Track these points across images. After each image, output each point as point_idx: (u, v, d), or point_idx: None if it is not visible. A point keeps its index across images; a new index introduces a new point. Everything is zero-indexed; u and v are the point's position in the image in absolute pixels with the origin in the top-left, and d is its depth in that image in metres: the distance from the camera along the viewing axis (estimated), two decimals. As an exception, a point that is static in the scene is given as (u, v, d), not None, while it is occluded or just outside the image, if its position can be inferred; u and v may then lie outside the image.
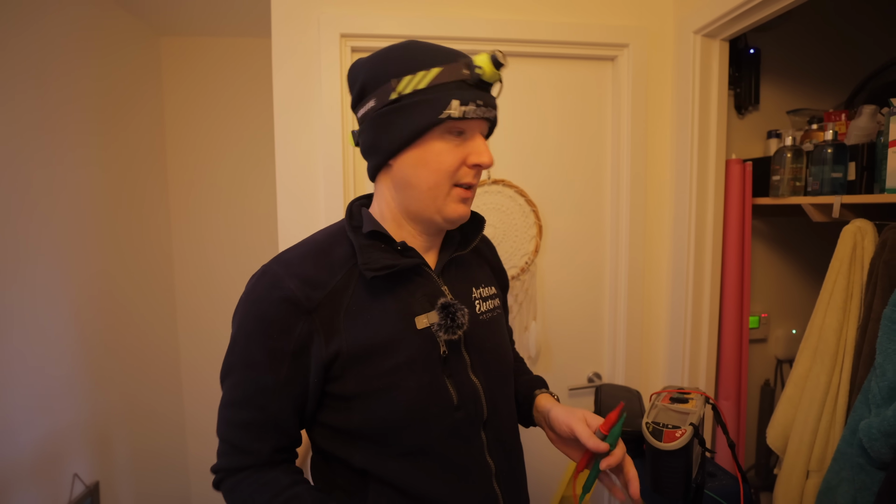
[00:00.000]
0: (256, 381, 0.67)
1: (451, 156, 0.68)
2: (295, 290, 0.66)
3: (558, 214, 1.53)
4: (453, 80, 0.66)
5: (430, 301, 0.72)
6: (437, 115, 0.65)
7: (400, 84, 0.66)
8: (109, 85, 1.84)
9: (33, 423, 1.49)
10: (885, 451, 0.96)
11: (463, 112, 0.66)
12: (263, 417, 0.68)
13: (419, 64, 0.67)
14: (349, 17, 1.36)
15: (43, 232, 1.53)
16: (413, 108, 0.66)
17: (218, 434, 0.71)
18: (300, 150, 1.38)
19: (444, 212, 0.71)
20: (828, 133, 1.27)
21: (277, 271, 0.68)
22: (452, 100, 0.65)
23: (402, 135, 0.67)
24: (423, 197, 0.70)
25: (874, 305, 1.10)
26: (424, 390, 0.68)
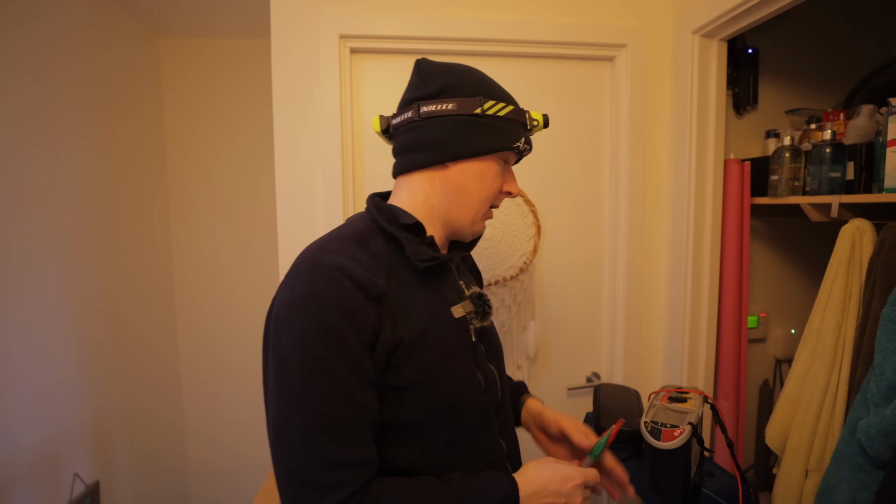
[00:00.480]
0: (353, 379, 0.62)
1: (498, 180, 0.79)
2: (362, 276, 0.64)
3: (557, 214, 1.53)
4: (519, 121, 0.78)
5: (456, 293, 0.77)
6: (511, 143, 0.76)
7: (486, 104, 0.75)
8: (108, 86, 1.84)
9: (34, 424, 1.49)
10: (884, 450, 0.96)
11: (525, 148, 0.79)
12: (367, 418, 0.64)
13: (503, 96, 0.78)
14: (348, 18, 1.36)
15: (42, 234, 1.54)
16: (494, 128, 0.75)
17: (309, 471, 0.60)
18: (299, 151, 1.39)
19: (475, 227, 0.80)
20: (826, 133, 1.27)
21: (336, 260, 0.64)
22: (522, 135, 0.78)
23: (479, 147, 0.75)
24: (472, 205, 0.78)
25: (873, 305, 1.10)
26: (463, 376, 0.73)
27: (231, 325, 2.29)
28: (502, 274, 1.50)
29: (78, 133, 1.69)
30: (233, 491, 2.33)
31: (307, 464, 0.60)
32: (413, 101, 0.77)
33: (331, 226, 1.38)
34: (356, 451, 0.62)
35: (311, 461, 0.60)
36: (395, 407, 0.67)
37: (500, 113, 0.75)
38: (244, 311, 2.29)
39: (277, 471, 0.62)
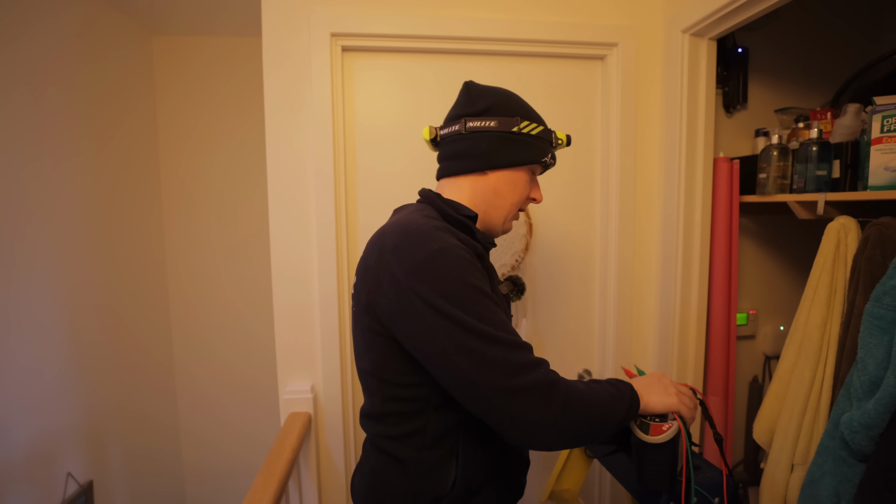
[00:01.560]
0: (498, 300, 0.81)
1: (527, 188, 0.94)
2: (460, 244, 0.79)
3: (549, 212, 1.54)
4: (547, 139, 0.93)
5: (496, 276, 0.94)
6: (540, 157, 0.92)
7: (522, 123, 0.90)
8: (102, 85, 1.84)
9: (27, 423, 1.49)
10: (866, 443, 0.97)
11: (551, 163, 0.95)
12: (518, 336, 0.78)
13: (535, 118, 0.93)
14: (340, 16, 1.36)
15: (36, 234, 1.54)
16: (528, 144, 0.90)
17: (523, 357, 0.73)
18: (291, 150, 1.39)
19: (506, 225, 0.95)
20: (813, 131, 1.28)
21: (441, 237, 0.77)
22: (549, 152, 0.94)
23: (514, 158, 0.90)
24: (504, 209, 0.92)
25: (857, 301, 1.11)
26: None
27: (225, 325, 2.30)
28: (494, 271, 1.51)
29: (73, 137, 1.70)
30: (227, 492, 2.34)
31: (519, 355, 0.73)
32: (461, 116, 0.91)
33: (322, 224, 1.38)
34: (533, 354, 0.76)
35: (520, 353, 0.73)
36: None
37: (532, 132, 0.91)
38: (238, 312, 2.30)
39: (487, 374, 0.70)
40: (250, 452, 2.30)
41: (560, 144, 0.96)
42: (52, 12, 1.60)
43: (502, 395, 0.70)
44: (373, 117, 1.44)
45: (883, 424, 0.95)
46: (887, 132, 1.11)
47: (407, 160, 1.46)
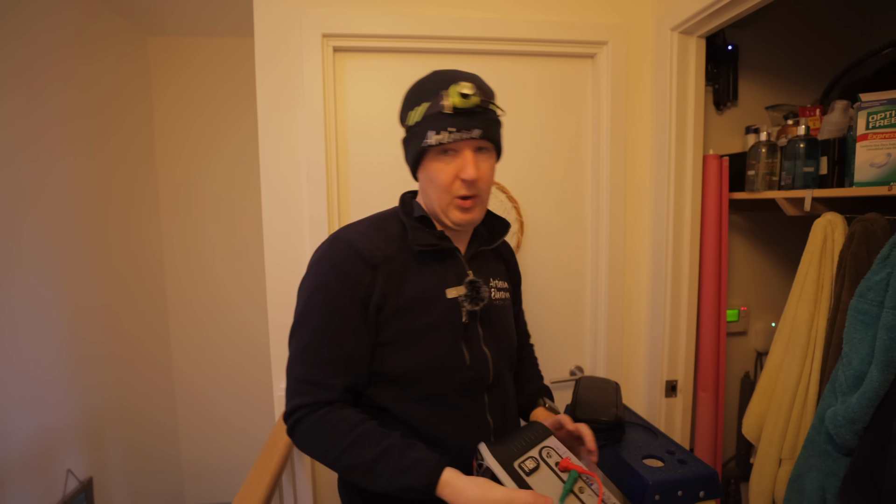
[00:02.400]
0: (336, 323, 0.80)
1: (444, 173, 0.84)
2: (364, 249, 0.82)
3: (539, 210, 1.55)
4: (435, 113, 0.82)
5: (458, 279, 0.89)
6: (419, 145, 0.83)
7: (406, 119, 0.87)
8: (98, 86, 1.86)
9: (27, 420, 1.51)
10: (850, 437, 0.98)
11: (437, 140, 0.81)
12: (341, 355, 0.80)
13: (417, 100, 0.85)
14: (331, 17, 1.38)
15: (35, 235, 1.56)
16: (412, 138, 0.86)
17: (292, 377, 0.81)
18: (284, 150, 1.40)
19: (448, 216, 0.87)
20: (800, 128, 1.29)
21: (349, 236, 0.84)
22: (429, 131, 0.82)
23: (410, 158, 0.88)
24: (435, 204, 0.87)
25: (843, 297, 1.12)
26: (445, 348, 0.85)
27: (223, 324, 2.31)
28: (486, 269, 1.52)
29: (69, 134, 1.71)
30: (224, 488, 2.36)
31: (292, 372, 0.82)
32: None
33: (316, 222, 1.40)
34: (322, 376, 0.80)
35: (294, 371, 0.82)
36: (378, 359, 0.84)
37: (416, 120, 0.84)
38: (236, 311, 2.31)
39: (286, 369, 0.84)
40: (247, 449, 2.32)
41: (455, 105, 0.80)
42: (48, 14, 1.61)
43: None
44: (364, 116, 1.46)
45: (866, 418, 0.96)
46: (872, 129, 1.12)
47: (398, 157, 1.47)
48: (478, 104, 0.81)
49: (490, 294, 0.92)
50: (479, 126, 0.82)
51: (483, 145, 0.85)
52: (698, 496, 1.02)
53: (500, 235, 0.98)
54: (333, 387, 0.79)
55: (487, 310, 0.91)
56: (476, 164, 0.83)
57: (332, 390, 0.79)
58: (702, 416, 1.52)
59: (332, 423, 0.77)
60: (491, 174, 0.88)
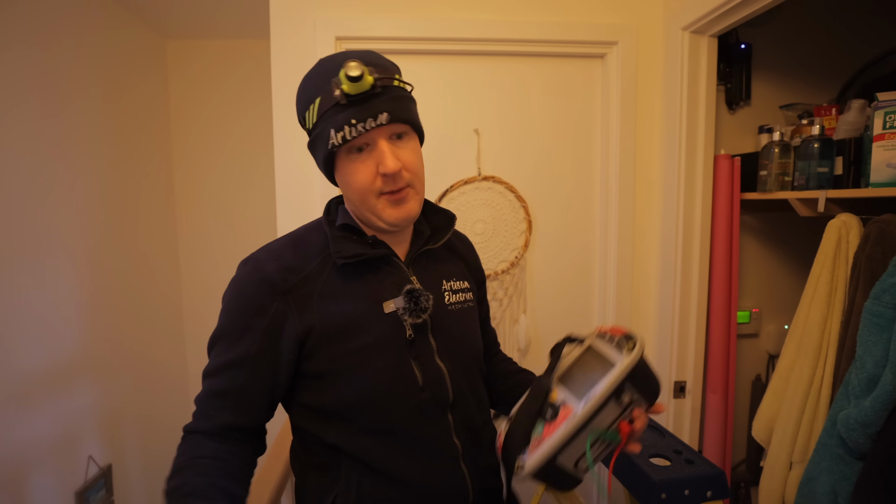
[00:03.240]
0: (231, 354, 0.71)
1: (362, 172, 0.71)
2: (272, 272, 0.72)
3: (548, 210, 1.55)
4: (330, 107, 0.68)
5: (398, 288, 0.76)
6: (325, 148, 0.71)
7: (305, 120, 0.74)
8: (117, 87, 1.90)
9: (51, 409, 1.57)
10: (863, 441, 0.97)
11: (341, 136, 0.68)
12: (229, 388, 0.72)
13: (309, 97, 0.71)
14: (344, 19, 1.39)
15: (57, 233, 1.60)
16: (316, 142, 0.73)
17: (195, 399, 0.75)
18: (297, 151, 1.43)
19: (383, 218, 0.74)
20: (814, 128, 1.27)
21: (259, 257, 0.74)
22: (330, 129, 0.69)
23: (320, 166, 0.75)
24: (360, 207, 0.75)
25: (856, 299, 1.11)
26: (390, 370, 0.73)
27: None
28: (493, 268, 1.53)
29: (88, 137, 1.76)
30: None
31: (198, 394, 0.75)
32: None
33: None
34: (205, 407, 0.73)
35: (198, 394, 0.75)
36: (315, 392, 0.74)
37: (313, 120, 0.71)
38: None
39: None
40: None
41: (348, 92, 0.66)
42: (72, 19, 1.66)
43: None
44: (375, 117, 1.47)
45: (880, 422, 0.94)
46: (890, 128, 1.10)
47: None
48: (374, 84, 0.67)
49: (443, 299, 0.81)
50: (385, 108, 0.68)
51: (398, 130, 0.72)
52: (705, 496, 1.01)
53: (446, 230, 0.84)
54: (213, 419, 0.72)
55: (440, 318, 0.79)
56: (394, 153, 0.70)
57: (210, 422, 0.72)
58: (711, 419, 1.51)
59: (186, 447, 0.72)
60: (417, 160, 0.74)
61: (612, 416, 0.70)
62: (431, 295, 0.76)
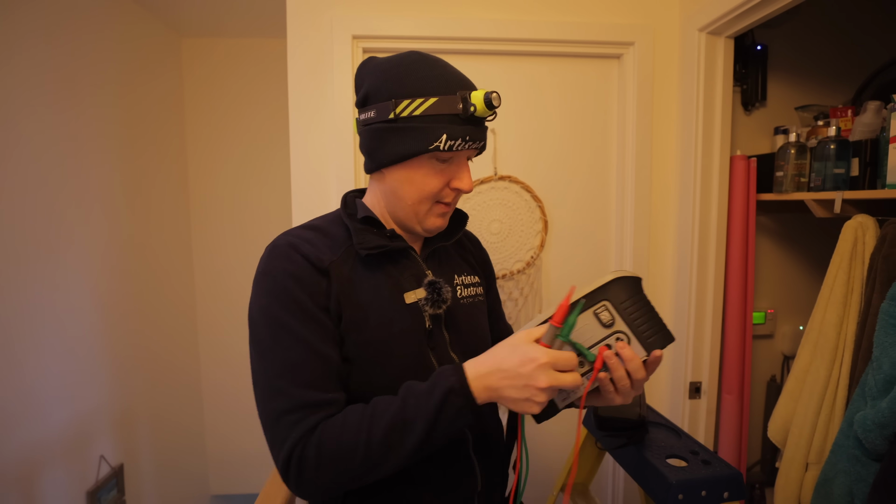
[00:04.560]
0: (311, 335, 0.69)
1: (435, 179, 0.75)
2: (310, 252, 0.72)
3: (564, 210, 1.56)
4: (446, 114, 0.71)
5: (416, 280, 0.79)
6: (425, 146, 0.71)
7: (398, 107, 0.72)
8: (133, 86, 1.92)
9: (64, 408, 1.58)
10: (880, 442, 0.97)
11: (450, 146, 0.71)
12: (328, 365, 0.70)
13: (417, 90, 0.71)
14: (360, 18, 1.41)
15: (68, 231, 1.62)
16: (406, 132, 0.72)
17: (277, 410, 0.67)
18: (313, 150, 1.44)
19: (424, 224, 0.78)
20: (831, 129, 1.27)
21: (290, 241, 0.73)
22: (443, 133, 0.71)
23: (394, 154, 0.73)
24: (407, 209, 0.77)
25: (873, 300, 1.11)
26: (411, 359, 0.75)
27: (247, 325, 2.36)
28: (509, 268, 1.54)
29: (105, 134, 1.78)
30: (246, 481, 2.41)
31: (274, 407, 0.67)
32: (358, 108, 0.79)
33: (343, 220, 1.43)
34: (316, 393, 0.67)
35: (278, 404, 0.67)
36: (345, 377, 0.73)
37: (415, 112, 0.71)
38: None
39: (260, 419, 0.70)
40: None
41: (473, 112, 0.71)
42: (89, 17, 1.68)
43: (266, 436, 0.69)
44: (391, 117, 1.48)
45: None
46: (906, 130, 1.10)
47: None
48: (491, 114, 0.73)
49: (455, 293, 0.83)
50: (484, 137, 0.76)
51: (474, 155, 0.79)
52: (722, 497, 1.01)
53: (459, 229, 0.87)
54: (336, 400, 0.68)
55: (453, 311, 0.81)
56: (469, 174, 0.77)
57: (336, 404, 0.68)
58: (726, 420, 1.51)
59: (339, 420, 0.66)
60: None
61: (592, 333, 0.68)
62: (449, 287, 0.79)
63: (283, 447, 0.65)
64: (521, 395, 0.63)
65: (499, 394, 0.65)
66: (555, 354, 0.63)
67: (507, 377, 0.63)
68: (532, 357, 0.63)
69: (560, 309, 0.66)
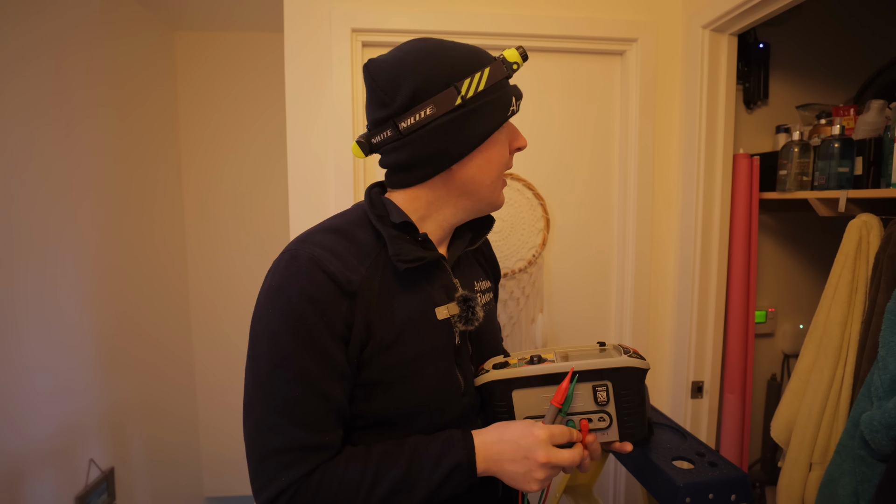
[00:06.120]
0: (319, 370, 0.63)
1: (505, 148, 0.74)
2: (336, 270, 0.64)
3: (566, 208, 1.55)
4: (503, 78, 0.70)
5: (446, 293, 0.74)
6: (505, 114, 0.70)
7: (463, 87, 0.67)
8: (125, 80, 1.88)
9: (52, 411, 1.54)
10: (886, 442, 0.96)
11: (518, 105, 0.71)
12: (330, 405, 0.64)
13: (472, 65, 0.68)
14: (360, 12, 1.38)
15: (59, 226, 1.58)
16: (481, 110, 0.68)
17: (269, 448, 0.63)
18: (311, 145, 1.41)
19: (496, 202, 0.76)
20: (835, 128, 1.27)
21: (313, 252, 0.65)
22: (512, 96, 0.70)
23: (476, 137, 0.69)
24: (486, 193, 0.74)
25: (878, 299, 1.10)
26: (441, 377, 0.72)
27: (244, 319, 2.31)
28: (511, 266, 1.52)
29: (96, 130, 1.74)
30: (242, 482, 2.38)
31: (267, 443, 0.63)
32: (387, 119, 0.69)
33: (342, 218, 1.41)
34: (314, 436, 0.63)
35: (270, 441, 0.63)
36: (363, 400, 0.68)
37: (480, 88, 0.67)
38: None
39: (245, 447, 0.66)
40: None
41: (517, 67, 0.70)
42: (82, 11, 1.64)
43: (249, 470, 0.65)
44: (391, 113, 1.46)
45: (904, 424, 0.94)
46: (911, 129, 1.09)
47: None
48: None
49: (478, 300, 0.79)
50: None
51: None
52: (730, 499, 1.01)
53: (486, 233, 0.83)
54: (331, 444, 0.64)
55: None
56: None
57: (331, 448, 0.64)
58: (728, 419, 1.51)
59: (338, 473, 0.63)
60: None
61: (580, 402, 0.71)
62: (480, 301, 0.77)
63: (270, 488, 0.62)
64: (521, 469, 0.65)
65: (500, 466, 0.66)
66: (552, 428, 0.65)
67: (508, 448, 0.65)
68: (531, 431, 0.65)
69: (559, 391, 0.69)
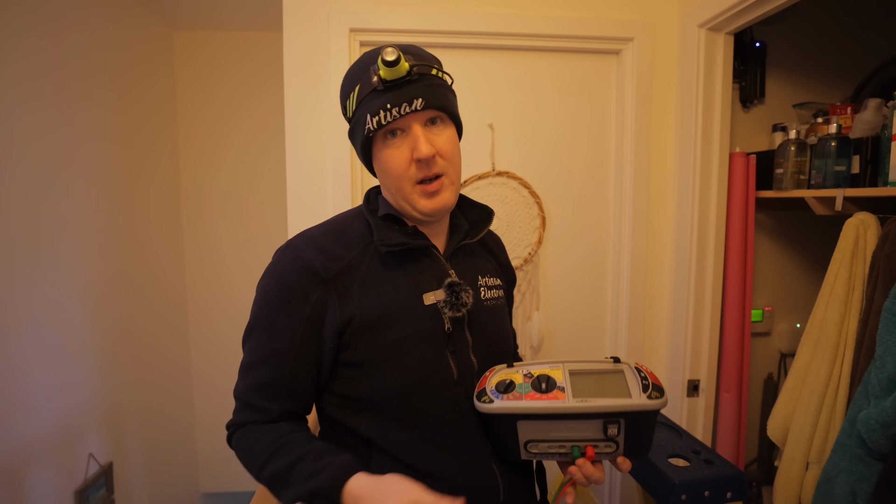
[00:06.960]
0: (273, 344, 0.72)
1: (398, 157, 0.72)
2: (314, 260, 0.72)
3: (562, 206, 1.55)
4: (368, 93, 0.70)
5: (437, 281, 0.76)
6: (363, 134, 0.72)
7: (346, 110, 0.76)
8: (123, 80, 1.88)
9: (52, 405, 1.54)
10: (884, 441, 0.96)
11: (376, 122, 0.69)
12: (277, 378, 0.72)
13: (350, 87, 0.74)
14: (358, 11, 1.38)
15: (57, 226, 1.58)
16: (355, 129, 0.74)
17: (234, 394, 0.76)
18: (309, 144, 1.41)
19: (417, 207, 0.75)
20: (831, 126, 1.27)
21: (299, 244, 0.74)
22: (366, 113, 0.70)
23: (359, 151, 0.77)
24: (395, 197, 0.76)
25: (875, 298, 1.10)
26: (428, 362, 0.73)
27: (240, 317, 2.30)
28: (507, 265, 1.52)
29: (94, 128, 1.73)
30: (238, 478, 2.37)
31: (237, 388, 0.76)
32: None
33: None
34: (258, 398, 0.73)
35: (237, 386, 0.76)
36: (351, 381, 0.74)
37: (353, 108, 0.73)
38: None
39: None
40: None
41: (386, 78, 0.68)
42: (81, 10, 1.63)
43: None
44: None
45: (901, 422, 0.94)
46: (908, 127, 1.09)
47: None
48: (410, 70, 0.68)
49: (479, 294, 0.81)
50: (421, 94, 0.69)
51: (433, 116, 0.72)
52: (725, 497, 1.01)
53: (484, 226, 0.85)
54: (267, 410, 0.73)
55: (477, 313, 0.79)
56: (429, 138, 0.71)
57: (265, 412, 0.73)
58: (724, 417, 1.50)
59: (260, 433, 0.72)
60: (452, 147, 0.74)
61: (587, 434, 0.70)
62: (471, 290, 0.77)
63: (232, 418, 0.77)
64: None
65: None
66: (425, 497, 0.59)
67: (373, 492, 0.61)
68: (405, 490, 0.60)
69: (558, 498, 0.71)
